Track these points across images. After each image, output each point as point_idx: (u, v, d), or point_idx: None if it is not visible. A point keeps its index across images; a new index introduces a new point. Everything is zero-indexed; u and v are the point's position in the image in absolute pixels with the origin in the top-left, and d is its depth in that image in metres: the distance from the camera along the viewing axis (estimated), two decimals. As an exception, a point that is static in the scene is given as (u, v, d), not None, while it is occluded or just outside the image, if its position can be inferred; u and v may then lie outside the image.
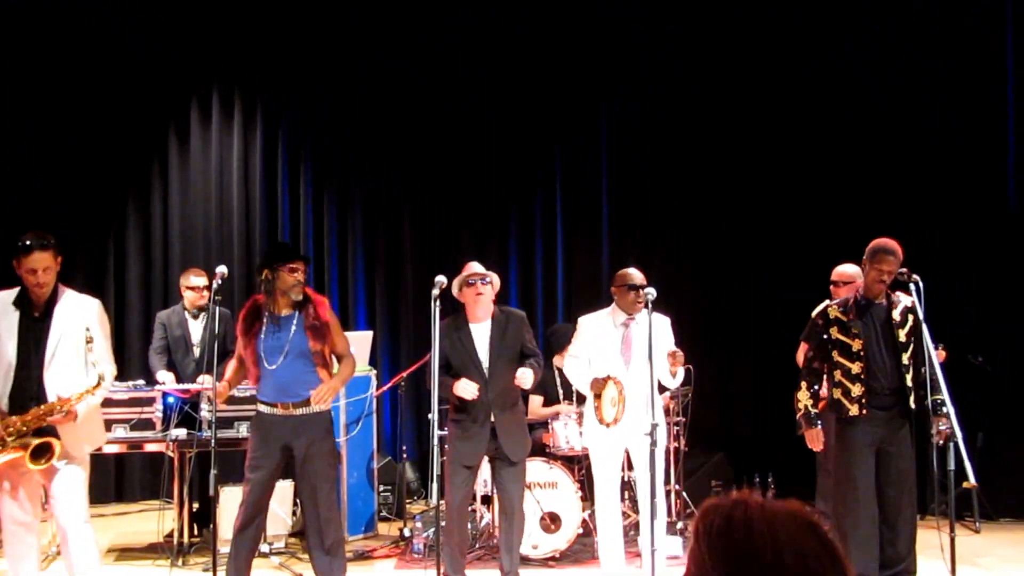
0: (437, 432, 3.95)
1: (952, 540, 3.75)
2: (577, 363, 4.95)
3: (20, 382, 4.05)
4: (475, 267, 4.82)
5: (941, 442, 4.54)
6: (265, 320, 4.45)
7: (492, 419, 4.66)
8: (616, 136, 7.84)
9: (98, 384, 3.98)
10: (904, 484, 4.70)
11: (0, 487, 4.06)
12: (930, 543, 4.95)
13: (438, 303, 4.16)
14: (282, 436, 4.44)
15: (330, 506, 4.55)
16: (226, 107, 7.84)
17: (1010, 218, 6.77)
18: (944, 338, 5.25)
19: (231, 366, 4.65)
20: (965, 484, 4.36)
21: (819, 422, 4.74)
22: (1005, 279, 6.74)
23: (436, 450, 3.94)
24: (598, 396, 4.72)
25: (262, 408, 4.52)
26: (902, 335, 4.62)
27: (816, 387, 4.80)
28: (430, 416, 4.07)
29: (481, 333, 4.75)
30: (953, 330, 5.93)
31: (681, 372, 4.84)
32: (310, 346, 4.40)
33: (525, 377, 4.59)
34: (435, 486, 3.91)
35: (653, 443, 4.26)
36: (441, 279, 4.31)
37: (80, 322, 4.12)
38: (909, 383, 4.60)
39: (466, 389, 4.53)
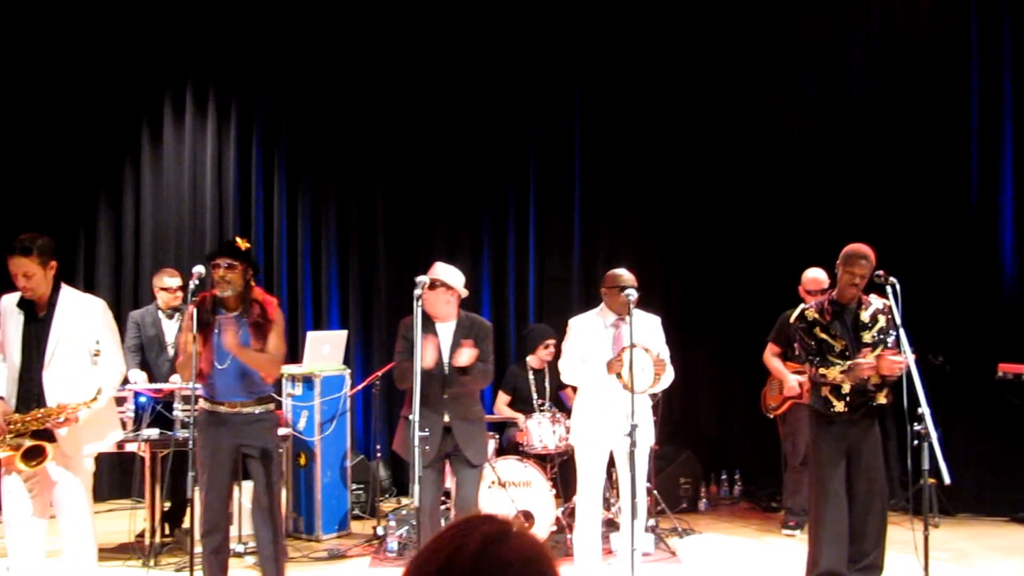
0: (418, 432, 3.83)
1: (926, 537, 3.73)
2: (573, 363, 4.85)
3: (25, 383, 4.07)
4: (436, 271, 4.66)
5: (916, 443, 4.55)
6: (217, 320, 4.29)
7: (447, 419, 4.55)
8: (589, 120, 7.71)
9: (95, 398, 3.91)
10: (874, 481, 4.70)
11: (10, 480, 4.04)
12: (893, 538, 4.95)
13: (420, 303, 4.03)
14: (229, 435, 4.28)
15: (276, 506, 4.39)
16: (200, 103, 7.61)
17: (971, 226, 6.80)
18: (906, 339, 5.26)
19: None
20: (922, 480, 4.35)
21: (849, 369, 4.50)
22: (964, 283, 6.76)
23: (417, 451, 3.81)
24: (620, 375, 4.53)
25: (204, 405, 4.35)
26: (867, 336, 4.61)
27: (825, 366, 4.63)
28: (410, 417, 3.95)
29: (446, 332, 4.66)
30: (914, 331, 5.96)
31: (667, 378, 4.74)
32: (252, 344, 4.25)
33: (463, 353, 4.46)
34: (416, 488, 3.78)
35: (633, 444, 4.17)
36: (423, 279, 4.18)
37: (82, 325, 4.10)
38: (877, 380, 4.60)
39: (427, 353, 4.39)
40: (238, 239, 4.34)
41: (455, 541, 1.24)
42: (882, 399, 4.59)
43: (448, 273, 4.66)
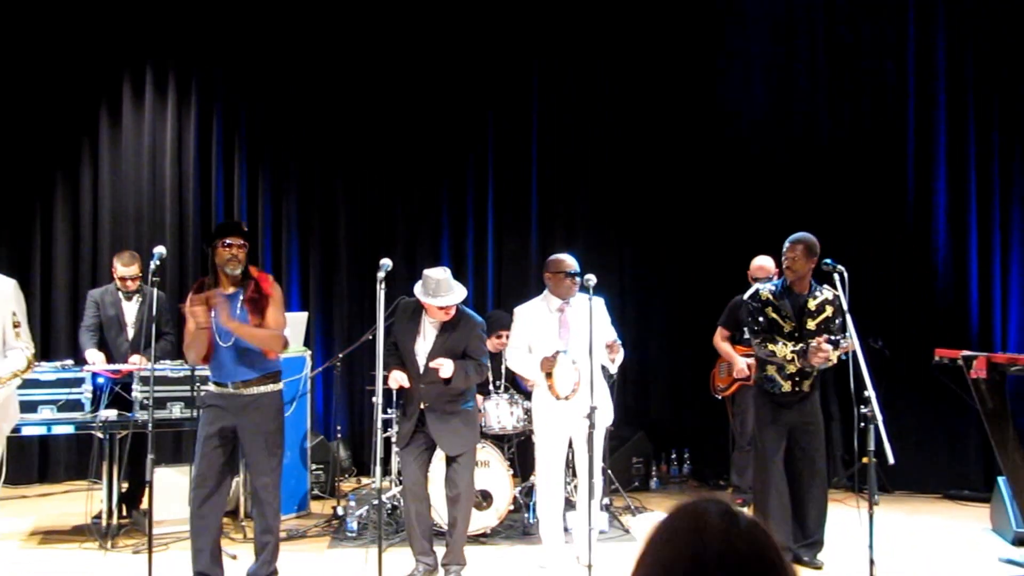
0: (381, 416, 3.77)
1: (871, 516, 3.80)
2: (519, 353, 4.81)
3: None
4: (440, 288, 4.40)
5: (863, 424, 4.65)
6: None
7: (422, 411, 4.48)
8: (546, 106, 7.64)
9: (28, 367, 3.75)
10: (814, 461, 4.79)
11: None
12: (835, 515, 5.06)
13: (383, 286, 3.96)
14: (230, 415, 4.20)
15: (274, 488, 4.29)
16: (160, 84, 7.36)
17: (907, 220, 6.92)
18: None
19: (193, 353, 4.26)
20: (864, 460, 4.45)
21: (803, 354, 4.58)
22: (901, 274, 6.89)
23: (379, 433, 3.75)
24: (549, 375, 4.59)
25: (211, 388, 4.28)
26: (811, 324, 4.69)
27: (773, 345, 4.69)
28: (375, 400, 3.88)
29: (431, 327, 4.55)
30: (856, 318, 6.07)
31: (620, 358, 4.76)
32: (249, 320, 4.16)
33: (444, 366, 4.36)
34: (378, 469, 3.73)
35: (592, 425, 4.17)
36: (386, 262, 4.10)
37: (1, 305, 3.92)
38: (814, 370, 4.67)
39: (395, 379, 4.41)
40: (239, 222, 4.29)
41: (695, 523, 1.27)
42: (807, 388, 4.69)
43: (451, 288, 4.42)
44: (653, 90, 7.63)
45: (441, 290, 4.40)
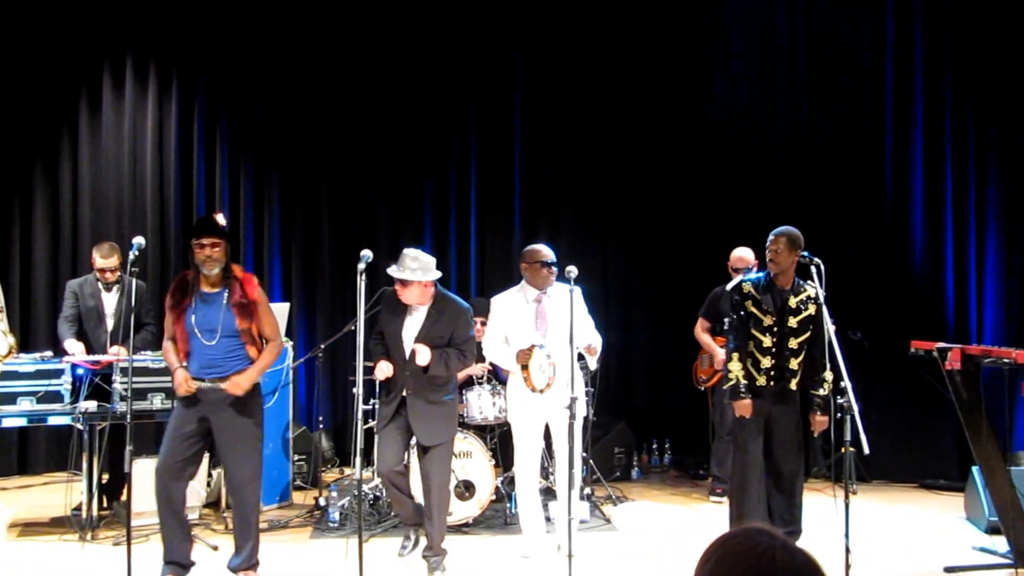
0: (361, 407, 3.74)
1: (847, 505, 3.83)
2: (496, 344, 4.79)
3: None
4: (408, 266, 4.38)
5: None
6: (194, 297, 4.14)
7: (404, 398, 4.43)
8: (529, 99, 7.63)
9: (8, 353, 3.70)
10: (791, 452, 4.80)
11: None
12: (813, 504, 5.09)
13: (364, 277, 3.92)
14: (205, 407, 4.15)
15: (253, 483, 4.25)
16: (141, 75, 7.27)
17: (885, 214, 6.95)
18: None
19: (171, 353, 4.21)
20: (844, 449, 4.48)
21: (748, 394, 4.66)
22: (880, 265, 6.91)
23: (360, 423, 3.72)
24: (525, 367, 4.58)
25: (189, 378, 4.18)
26: (794, 321, 4.69)
27: (745, 359, 4.74)
28: (355, 391, 3.86)
29: (417, 315, 4.49)
30: (834, 309, 6.11)
31: (599, 353, 4.75)
32: (237, 324, 4.11)
33: (421, 352, 4.32)
34: (358, 459, 3.71)
35: (572, 416, 4.17)
36: (367, 253, 4.06)
37: None
38: (793, 366, 4.70)
39: (381, 370, 4.36)
40: (214, 214, 4.22)
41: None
42: (793, 385, 4.72)
43: (421, 266, 4.38)
44: (636, 82, 7.64)
45: (407, 262, 4.34)
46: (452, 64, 7.55)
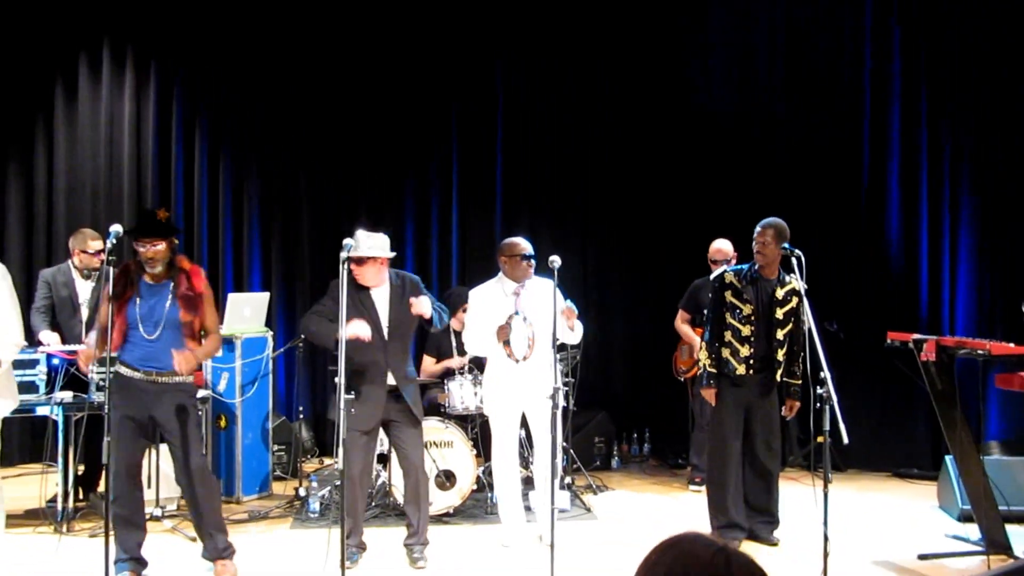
0: (344, 396, 3.70)
1: (826, 494, 3.84)
2: (475, 336, 4.77)
3: None
4: (362, 245, 4.33)
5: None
6: (138, 288, 4.06)
7: (392, 382, 4.39)
8: (510, 94, 7.57)
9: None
10: (770, 440, 4.83)
11: None
12: (789, 493, 5.12)
13: (347, 266, 3.88)
14: (145, 402, 4.07)
15: (208, 467, 4.24)
16: (118, 63, 7.13)
17: (862, 206, 6.99)
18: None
19: (94, 334, 4.12)
20: (819, 438, 4.51)
21: (712, 383, 4.74)
22: (856, 258, 6.96)
23: (342, 414, 3.69)
24: (507, 343, 4.56)
25: (123, 371, 4.09)
26: (779, 313, 4.71)
27: (716, 346, 4.77)
28: (337, 380, 3.82)
29: (380, 296, 4.45)
30: (811, 301, 6.15)
31: (579, 327, 4.73)
32: (180, 316, 4.05)
33: (422, 302, 4.31)
34: (341, 451, 3.67)
35: (555, 406, 4.16)
36: (349, 242, 4.02)
37: None
38: (780, 357, 4.71)
39: (358, 327, 4.12)
40: (159, 212, 4.13)
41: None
42: (777, 376, 4.74)
43: (376, 245, 4.38)
44: (615, 77, 7.60)
45: (363, 240, 4.31)
46: (434, 62, 7.47)
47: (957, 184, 6.80)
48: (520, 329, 4.57)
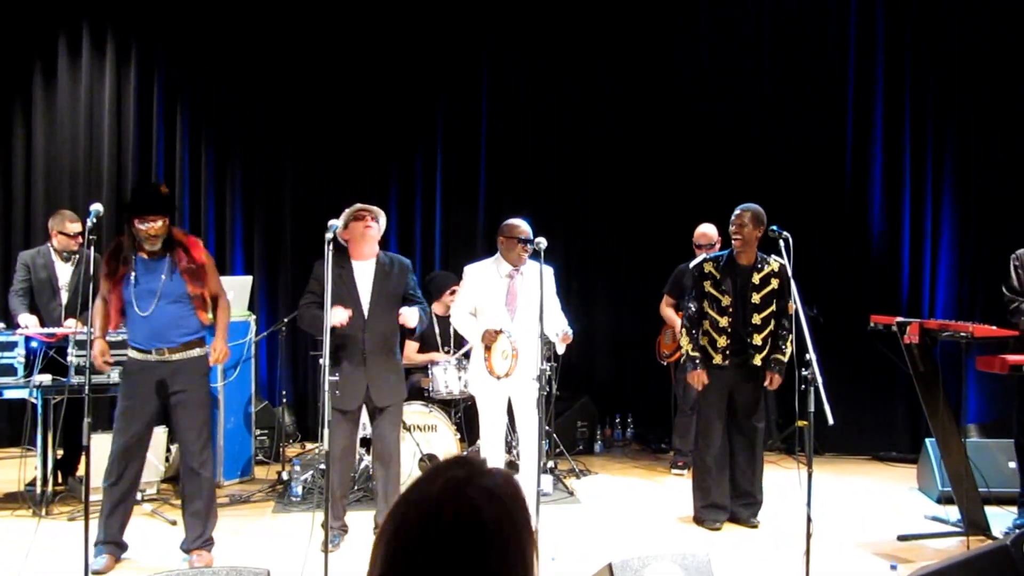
0: (328, 377, 3.63)
1: (810, 475, 3.83)
2: (463, 315, 4.67)
3: None
4: (357, 207, 4.36)
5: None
6: (133, 264, 3.92)
7: (364, 356, 4.28)
8: (496, 81, 7.47)
9: None
10: (754, 423, 4.82)
11: None
12: (768, 477, 5.08)
13: (331, 247, 3.80)
14: (156, 383, 3.94)
15: (205, 451, 4.09)
16: (97, 45, 6.94)
17: (843, 196, 6.96)
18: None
19: (98, 318, 3.99)
20: (799, 423, 4.50)
21: (698, 364, 4.72)
22: (838, 243, 6.93)
23: (327, 395, 3.62)
24: (488, 348, 4.47)
25: (134, 354, 3.98)
26: (756, 297, 4.69)
27: (695, 333, 4.77)
28: (322, 361, 3.75)
29: (364, 272, 4.33)
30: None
31: (568, 341, 4.65)
32: (188, 290, 3.92)
33: (410, 315, 4.23)
34: (326, 432, 3.60)
35: (542, 388, 4.11)
36: (334, 223, 3.93)
37: None
38: (758, 341, 4.69)
39: (336, 314, 4.02)
40: (161, 186, 4.05)
41: (424, 490, 1.15)
42: (757, 360, 4.72)
43: (372, 212, 4.35)
44: (601, 62, 7.50)
45: (357, 208, 4.31)
46: (421, 51, 7.33)
47: (940, 166, 6.76)
48: (505, 347, 4.44)
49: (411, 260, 4.39)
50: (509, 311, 4.58)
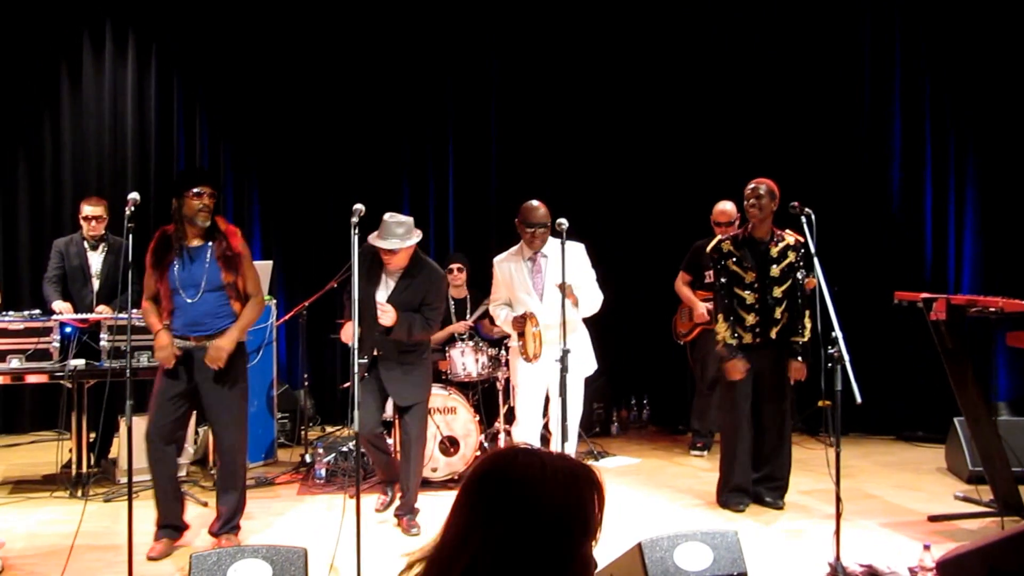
0: (358, 360, 3.64)
1: (837, 455, 3.76)
2: (499, 308, 4.57)
3: None
4: (390, 231, 4.20)
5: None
6: (177, 252, 3.84)
7: (376, 357, 4.24)
8: (506, 63, 7.35)
9: None
10: (780, 403, 4.69)
11: None
12: (793, 456, 5.04)
13: (357, 230, 3.78)
14: (192, 368, 3.88)
15: (239, 438, 4.01)
16: (120, 45, 6.92)
17: (863, 171, 6.69)
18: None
19: (151, 315, 3.93)
20: (820, 403, 4.45)
21: (739, 353, 4.54)
22: (858, 218, 6.68)
23: (356, 377, 3.62)
24: (521, 335, 4.36)
25: (175, 341, 3.91)
26: (775, 270, 4.59)
27: (731, 319, 4.61)
28: (351, 344, 3.76)
29: (391, 276, 4.32)
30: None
31: (590, 300, 4.53)
32: (223, 278, 3.83)
33: (386, 312, 4.14)
34: (356, 414, 3.61)
35: (564, 369, 4.07)
36: (359, 207, 3.91)
37: None
38: (778, 315, 4.58)
39: (344, 333, 4.09)
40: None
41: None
42: (773, 334, 4.54)
43: (405, 231, 4.20)
44: (614, 43, 7.25)
45: (386, 232, 4.16)
46: (429, 36, 7.21)
47: (962, 137, 6.43)
48: (534, 329, 4.33)
49: (424, 240, 4.36)
50: (536, 293, 4.49)
